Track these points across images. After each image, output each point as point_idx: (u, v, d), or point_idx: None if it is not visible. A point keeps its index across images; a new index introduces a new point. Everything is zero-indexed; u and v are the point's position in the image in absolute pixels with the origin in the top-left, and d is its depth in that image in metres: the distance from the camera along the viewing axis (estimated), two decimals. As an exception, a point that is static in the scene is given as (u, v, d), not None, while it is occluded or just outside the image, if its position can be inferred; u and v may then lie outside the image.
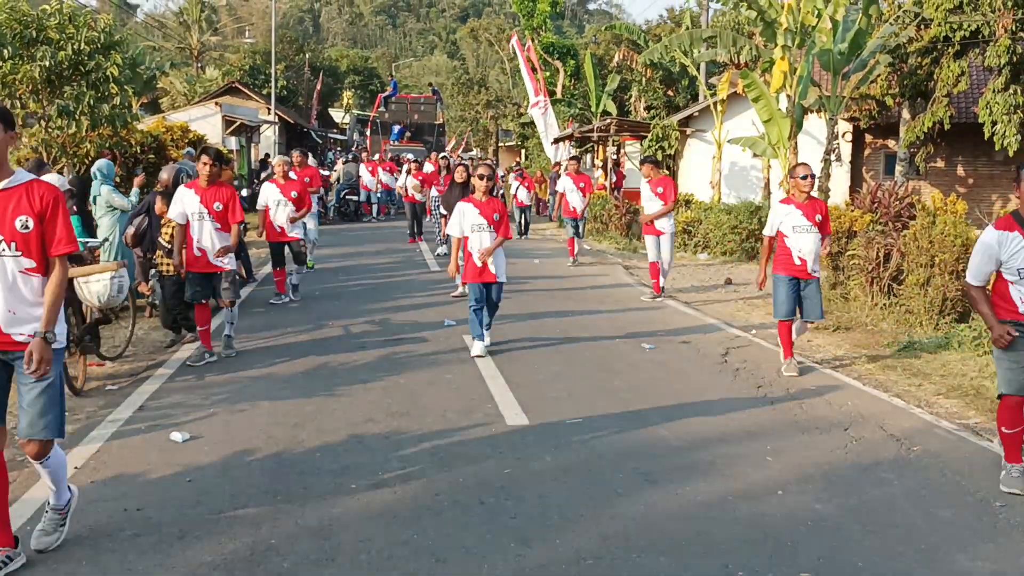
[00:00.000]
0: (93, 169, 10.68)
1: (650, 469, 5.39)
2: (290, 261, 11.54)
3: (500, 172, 27.84)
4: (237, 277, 8.68)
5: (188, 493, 4.97)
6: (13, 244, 3.97)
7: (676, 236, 15.52)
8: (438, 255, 16.31)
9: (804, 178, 7.93)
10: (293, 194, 11.23)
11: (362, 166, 24.62)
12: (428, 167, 19.56)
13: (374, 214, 25.15)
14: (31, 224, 3.97)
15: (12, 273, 4.00)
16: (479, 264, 8.25)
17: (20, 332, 4.02)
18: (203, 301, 8.23)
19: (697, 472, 5.37)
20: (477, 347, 8.40)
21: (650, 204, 11.82)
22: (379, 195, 25.50)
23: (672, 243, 12.06)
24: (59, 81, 12.01)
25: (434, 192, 16.66)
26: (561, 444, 5.85)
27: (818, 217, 7.93)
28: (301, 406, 6.70)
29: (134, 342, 8.78)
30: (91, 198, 10.43)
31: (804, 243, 7.85)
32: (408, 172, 19.39)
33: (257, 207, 11.75)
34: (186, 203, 8.05)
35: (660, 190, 11.68)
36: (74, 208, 9.83)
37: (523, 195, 21.53)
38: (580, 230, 15.98)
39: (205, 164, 8.00)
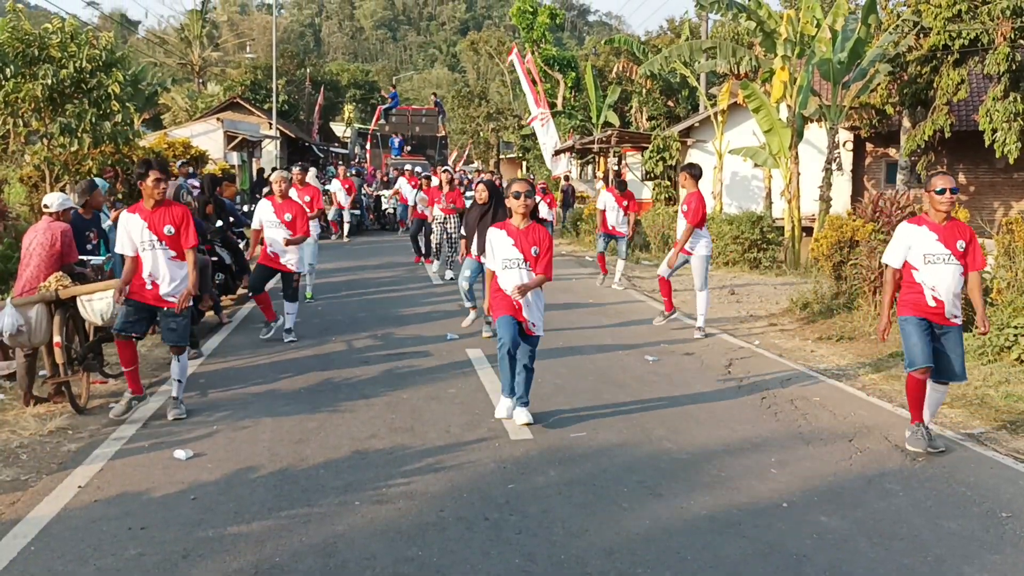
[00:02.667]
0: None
1: (655, 483, 5.38)
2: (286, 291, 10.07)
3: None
4: (193, 314, 7.39)
5: (192, 511, 4.96)
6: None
7: (628, 241, 14.93)
8: (441, 278, 15.00)
9: (942, 192, 6.05)
10: (287, 216, 9.73)
11: (335, 182, 22.53)
12: (435, 182, 17.94)
13: (345, 234, 22.80)
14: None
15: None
16: (513, 304, 6.56)
17: None
18: (132, 335, 6.77)
19: (702, 485, 5.36)
20: (504, 407, 6.71)
21: (680, 224, 10.32)
22: (355, 212, 24.31)
23: (703, 266, 10.19)
24: (61, 99, 12.08)
25: (436, 211, 15.05)
26: (565, 458, 5.83)
27: (961, 244, 6.06)
28: (304, 422, 6.70)
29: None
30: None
31: (941, 278, 6.04)
32: (418, 187, 18.42)
33: (252, 225, 10.24)
34: (131, 231, 6.71)
35: (685, 208, 10.11)
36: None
37: (544, 211, 19.83)
38: (621, 250, 14.53)
39: (150, 181, 6.63)
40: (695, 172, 10.22)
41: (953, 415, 6.99)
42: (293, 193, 12.03)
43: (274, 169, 13.64)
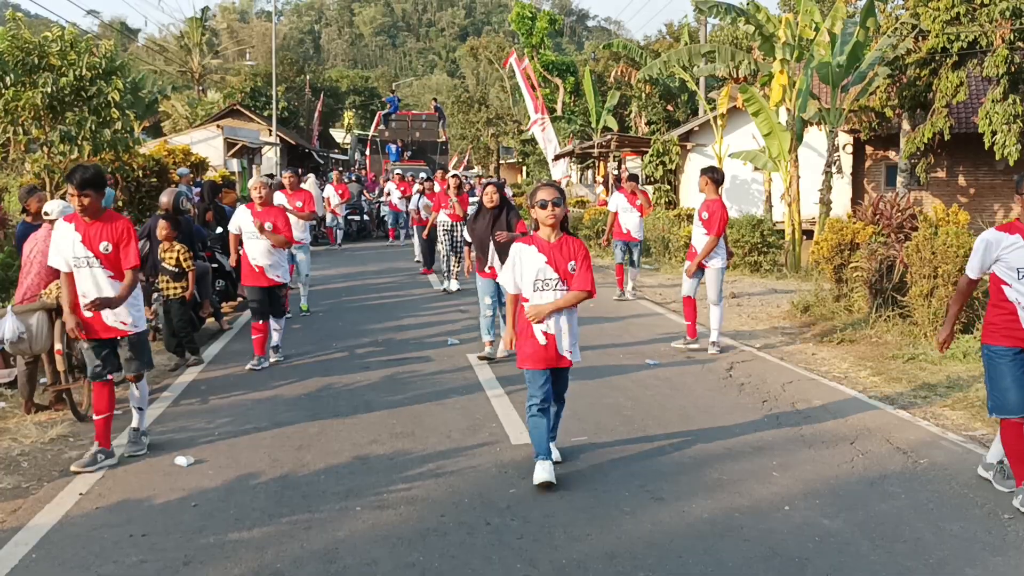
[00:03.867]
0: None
1: (656, 487, 5.37)
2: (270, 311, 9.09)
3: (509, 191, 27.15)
4: (147, 337, 6.32)
5: (193, 518, 4.96)
6: None
7: (641, 247, 14.22)
8: (445, 291, 14.06)
9: None
10: (268, 225, 8.76)
11: (329, 187, 21.67)
12: (436, 188, 16.79)
13: (339, 240, 22.43)
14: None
15: None
16: (542, 338, 5.44)
17: None
18: (107, 376, 5.95)
19: (703, 489, 5.35)
20: (542, 471, 5.38)
21: (696, 232, 9.54)
22: (354, 218, 24.45)
23: (719, 279, 9.47)
24: (61, 107, 12.07)
25: (443, 216, 13.96)
26: (566, 463, 5.83)
27: None
28: (305, 428, 6.69)
29: (138, 366, 8.76)
30: None
31: None
32: (421, 192, 17.38)
33: (230, 229, 9.40)
34: (62, 246, 5.85)
35: (705, 215, 9.27)
36: None
37: None
38: (635, 258, 13.44)
39: (75, 196, 5.68)
40: (717, 177, 9.35)
41: (955, 417, 6.98)
42: (281, 198, 11.62)
43: (269, 175, 13.13)
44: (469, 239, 9.14)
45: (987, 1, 18.09)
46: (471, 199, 15.03)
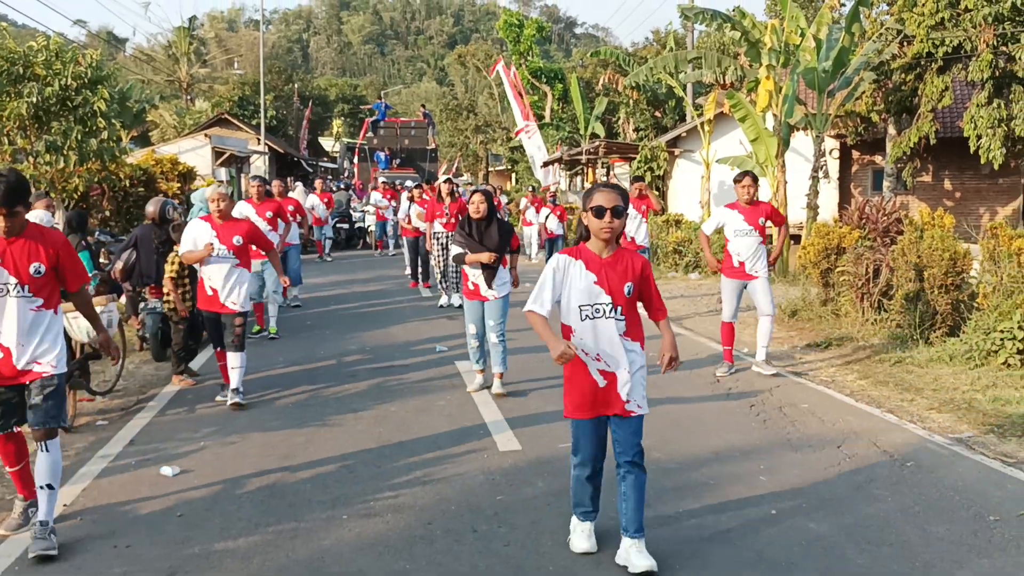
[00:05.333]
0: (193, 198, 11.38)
1: (643, 492, 5.36)
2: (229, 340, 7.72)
3: (503, 198, 26.32)
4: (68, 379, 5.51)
5: (178, 528, 4.93)
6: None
7: (650, 254, 13.67)
8: (441, 306, 13.23)
9: None
10: (235, 240, 7.60)
11: (313, 196, 20.89)
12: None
13: (327, 251, 21.63)
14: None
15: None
16: (600, 378, 4.37)
17: None
18: (10, 429, 4.87)
19: (691, 493, 5.35)
20: (583, 537, 4.53)
21: (743, 240, 8.47)
22: (342, 226, 24.19)
23: (770, 287, 8.66)
24: (47, 117, 12.05)
25: (437, 226, 13.06)
26: (554, 469, 5.82)
27: None
28: (292, 437, 6.67)
29: (124, 376, 8.73)
30: None
31: None
32: (411, 200, 15.77)
33: (181, 249, 7.97)
34: None
35: (763, 221, 8.50)
36: (84, 243, 9.85)
37: (553, 224, 18.61)
38: None
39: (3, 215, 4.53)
40: (756, 177, 8.66)
41: (941, 420, 7.00)
42: (246, 210, 10.78)
43: (257, 178, 12.58)
44: (456, 249, 7.94)
45: (971, 6, 18.21)
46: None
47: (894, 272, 10.17)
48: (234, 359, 7.62)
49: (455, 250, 7.87)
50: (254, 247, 7.99)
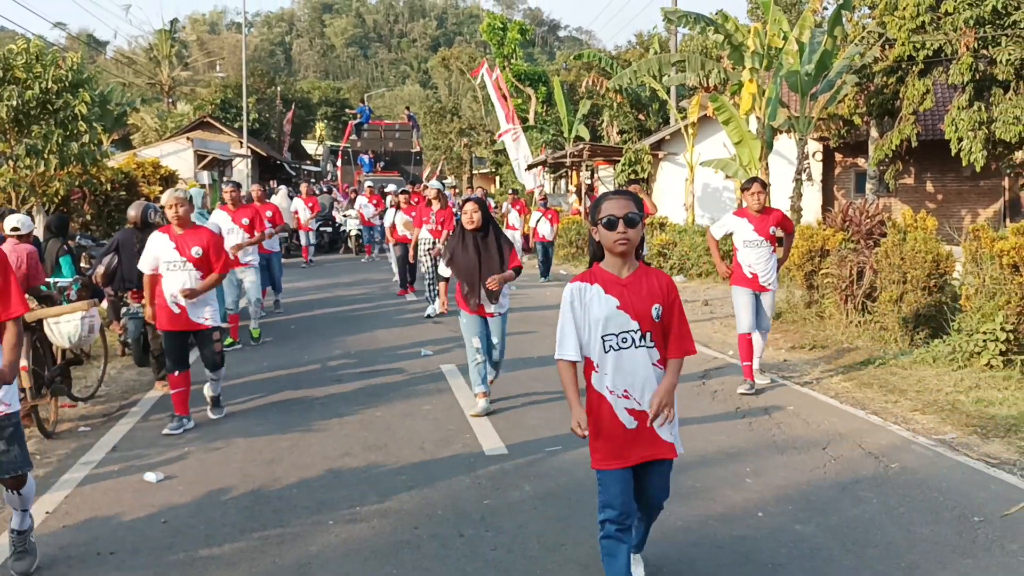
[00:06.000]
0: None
1: (630, 495, 5.36)
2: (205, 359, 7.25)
3: (491, 202, 25.61)
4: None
5: (162, 535, 4.89)
6: None
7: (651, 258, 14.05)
8: (428, 317, 12.64)
9: None
10: (195, 252, 6.94)
11: (297, 200, 20.44)
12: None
13: (311, 258, 21.18)
14: None
15: None
16: (629, 419, 3.83)
17: None
18: None
19: (677, 496, 5.33)
20: None
21: (753, 251, 8.01)
22: (326, 230, 24.01)
23: (774, 300, 8.37)
24: (27, 120, 11.96)
25: (424, 233, 12.68)
26: (540, 472, 5.81)
27: None
28: (276, 442, 6.63)
29: (106, 382, 8.67)
30: None
31: None
32: (396, 207, 15.11)
33: (141, 268, 7.15)
34: None
35: (773, 230, 8.02)
36: (65, 247, 9.77)
37: (545, 229, 17.81)
38: None
39: None
40: (764, 184, 8.15)
41: (925, 421, 7.04)
42: (220, 217, 10.38)
43: (230, 183, 12.30)
44: (443, 274, 7.64)
45: (952, 10, 18.36)
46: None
47: (878, 274, 10.22)
48: (213, 374, 7.23)
49: (443, 269, 7.21)
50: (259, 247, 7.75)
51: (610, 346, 3.75)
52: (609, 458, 3.78)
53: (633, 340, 3.75)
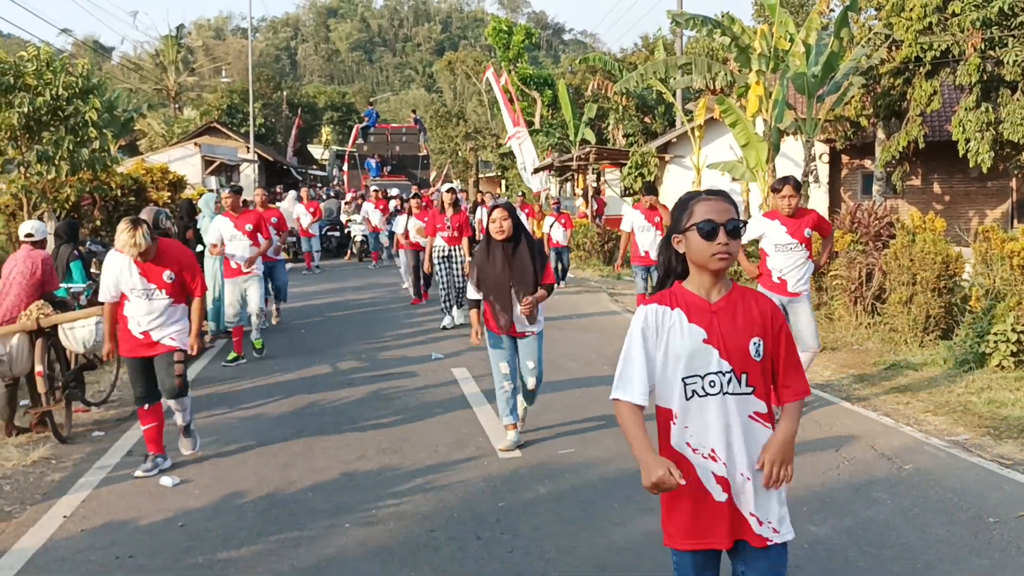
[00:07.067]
0: (199, 204, 11.40)
1: (644, 497, 5.36)
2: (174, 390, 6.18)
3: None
4: None
5: (180, 538, 4.92)
6: None
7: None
8: (444, 328, 11.90)
9: None
10: (167, 277, 5.99)
11: (300, 206, 19.91)
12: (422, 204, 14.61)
13: (315, 264, 20.72)
14: None
15: None
16: (719, 489, 2.92)
17: None
18: None
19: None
20: None
21: (785, 255, 7.27)
22: (334, 234, 23.92)
23: (814, 314, 7.51)
24: (38, 127, 12.01)
25: (438, 240, 11.80)
26: (554, 474, 5.83)
27: None
28: (291, 446, 6.66)
29: (119, 386, 8.70)
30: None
31: None
32: (408, 212, 14.42)
33: (100, 297, 6.26)
34: None
35: (809, 233, 7.30)
36: (76, 253, 9.81)
37: (559, 234, 17.13)
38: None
39: None
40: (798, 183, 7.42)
41: (937, 422, 7.04)
42: (223, 224, 10.00)
43: (232, 187, 12.15)
44: (475, 297, 6.39)
45: (958, 11, 18.35)
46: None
47: (887, 276, 10.22)
48: (179, 403, 6.19)
49: (472, 291, 6.38)
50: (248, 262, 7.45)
51: (693, 391, 2.87)
52: (686, 536, 2.92)
53: (721, 385, 2.86)
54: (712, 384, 2.86)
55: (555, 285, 6.52)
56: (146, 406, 6.12)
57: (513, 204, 6.32)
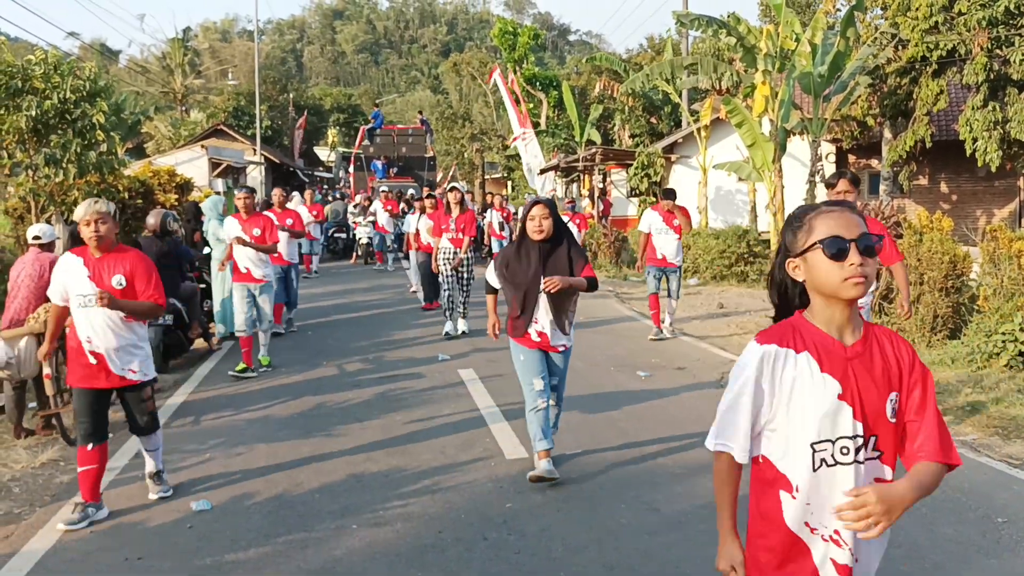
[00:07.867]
0: (204, 206, 11.42)
1: (652, 497, 5.38)
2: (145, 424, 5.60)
3: (512, 208, 23.21)
4: None
5: (188, 539, 4.93)
6: None
7: (681, 273, 12.83)
8: (446, 335, 11.45)
9: None
10: (117, 281, 5.21)
11: (302, 208, 18.52)
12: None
13: (314, 268, 20.26)
14: None
15: None
16: None
17: None
18: None
19: (699, 498, 5.36)
20: None
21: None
22: (340, 236, 23.86)
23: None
24: (45, 130, 12.03)
25: (444, 241, 11.41)
26: (561, 474, 5.82)
27: None
28: (298, 447, 6.67)
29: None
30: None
31: None
32: (422, 211, 13.83)
33: (53, 300, 5.49)
34: None
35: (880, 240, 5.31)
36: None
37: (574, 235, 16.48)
38: (672, 287, 11.10)
39: None
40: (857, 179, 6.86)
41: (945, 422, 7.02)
42: (232, 226, 9.47)
43: (244, 188, 12.04)
44: (494, 284, 6.00)
45: (965, 10, 18.32)
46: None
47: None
48: (150, 441, 5.58)
49: (491, 276, 5.95)
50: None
51: (822, 460, 2.28)
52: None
53: (852, 451, 2.27)
54: (844, 451, 2.27)
55: (597, 281, 5.94)
56: (90, 446, 5.20)
57: (552, 201, 5.93)
